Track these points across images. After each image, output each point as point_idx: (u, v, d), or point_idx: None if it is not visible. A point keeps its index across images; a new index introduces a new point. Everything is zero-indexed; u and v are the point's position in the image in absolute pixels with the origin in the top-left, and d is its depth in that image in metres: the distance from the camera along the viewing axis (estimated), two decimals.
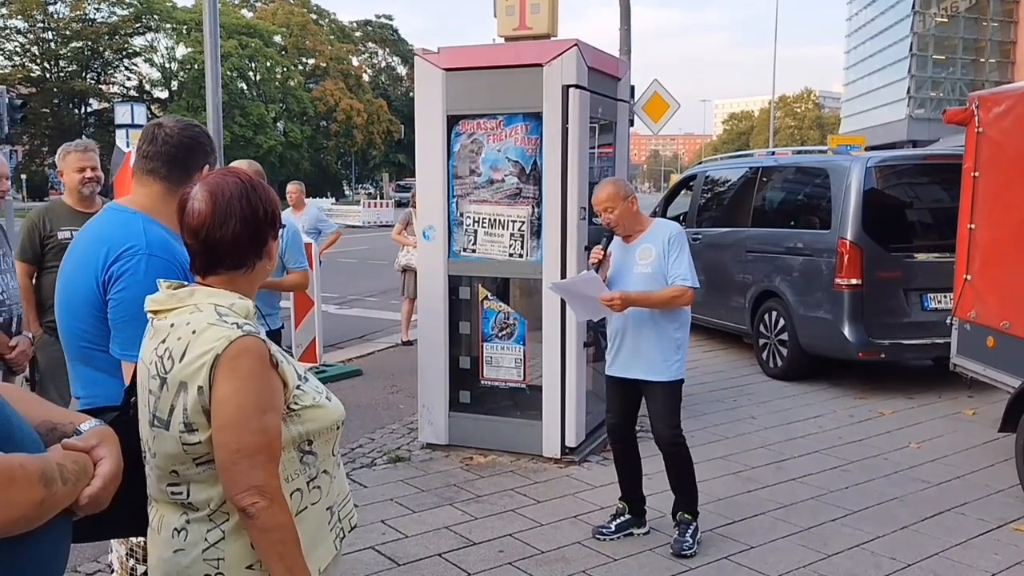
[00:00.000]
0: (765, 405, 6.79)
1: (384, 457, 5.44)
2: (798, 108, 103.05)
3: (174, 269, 2.16)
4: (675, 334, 4.07)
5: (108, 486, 1.42)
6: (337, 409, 1.83)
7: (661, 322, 4.03)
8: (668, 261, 3.99)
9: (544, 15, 5.29)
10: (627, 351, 4.13)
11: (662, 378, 4.05)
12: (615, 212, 4.04)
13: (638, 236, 4.12)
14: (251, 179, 1.81)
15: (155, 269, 2.14)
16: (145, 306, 1.81)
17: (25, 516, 1.24)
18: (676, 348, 4.07)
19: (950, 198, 6.38)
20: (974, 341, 5.53)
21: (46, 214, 4.41)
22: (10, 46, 50.30)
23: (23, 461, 1.25)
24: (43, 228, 4.33)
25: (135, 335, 2.09)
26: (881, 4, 68.98)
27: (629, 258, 4.10)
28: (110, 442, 1.48)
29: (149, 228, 2.25)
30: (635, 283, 4.03)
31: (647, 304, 4.00)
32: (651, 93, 12.34)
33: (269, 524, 1.63)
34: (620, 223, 4.07)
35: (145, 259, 2.17)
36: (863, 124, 66.67)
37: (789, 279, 7.60)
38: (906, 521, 4.45)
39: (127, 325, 2.15)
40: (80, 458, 1.40)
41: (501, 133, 5.23)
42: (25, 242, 4.32)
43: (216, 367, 1.63)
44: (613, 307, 3.98)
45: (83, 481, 1.38)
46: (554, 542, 4.19)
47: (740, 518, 4.49)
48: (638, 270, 4.05)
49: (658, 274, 4.00)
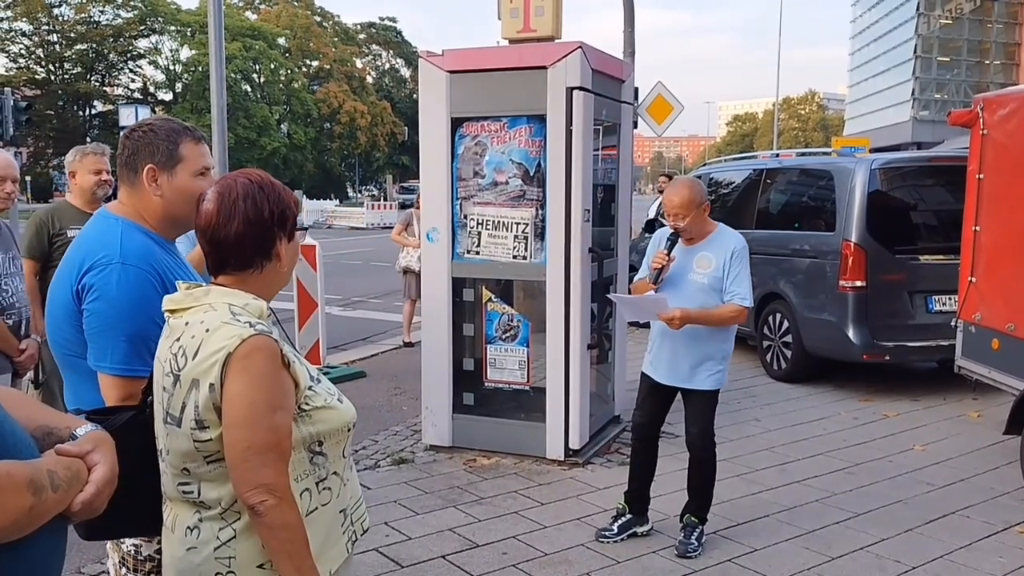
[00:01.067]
0: (769, 407, 6.78)
1: (388, 459, 5.44)
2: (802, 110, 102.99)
3: (149, 278, 2.13)
4: (721, 344, 4.03)
5: (101, 492, 1.40)
6: (348, 411, 1.84)
7: (707, 333, 3.97)
8: (727, 276, 3.91)
9: (548, 17, 5.29)
10: (669, 356, 4.07)
11: (702, 387, 4.04)
12: (687, 220, 3.91)
13: (700, 241, 4.02)
14: (262, 180, 1.81)
15: (128, 280, 2.11)
16: (162, 305, 1.83)
17: (14, 523, 1.23)
18: (721, 358, 4.04)
19: (954, 200, 6.37)
20: (979, 343, 5.52)
21: (54, 213, 4.43)
22: (15, 48, 50.46)
23: (10, 469, 1.23)
24: (52, 226, 4.36)
25: (107, 346, 2.09)
26: (885, 6, 68.94)
27: (687, 263, 4.00)
28: (105, 447, 1.46)
29: (127, 235, 2.19)
30: (688, 291, 3.95)
31: (705, 322, 3.93)
32: (655, 95, 12.35)
33: (277, 522, 1.64)
34: (690, 230, 3.97)
35: (118, 269, 2.12)
36: (867, 126, 66.60)
37: (793, 281, 7.59)
38: (910, 524, 4.44)
39: (99, 336, 2.12)
40: (73, 464, 1.38)
41: (505, 135, 5.23)
42: (33, 239, 4.33)
43: (228, 365, 1.64)
44: (671, 325, 3.89)
45: (75, 487, 1.36)
46: (558, 544, 4.18)
47: (744, 520, 4.48)
48: (693, 277, 3.97)
49: (712, 286, 3.93)
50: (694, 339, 3.97)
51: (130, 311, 2.10)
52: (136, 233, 2.21)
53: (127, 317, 2.10)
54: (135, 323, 2.10)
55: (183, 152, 2.20)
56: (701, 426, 4.09)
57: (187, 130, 2.25)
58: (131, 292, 2.10)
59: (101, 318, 2.11)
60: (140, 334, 2.10)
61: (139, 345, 2.10)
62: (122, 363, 2.10)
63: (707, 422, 4.10)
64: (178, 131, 2.23)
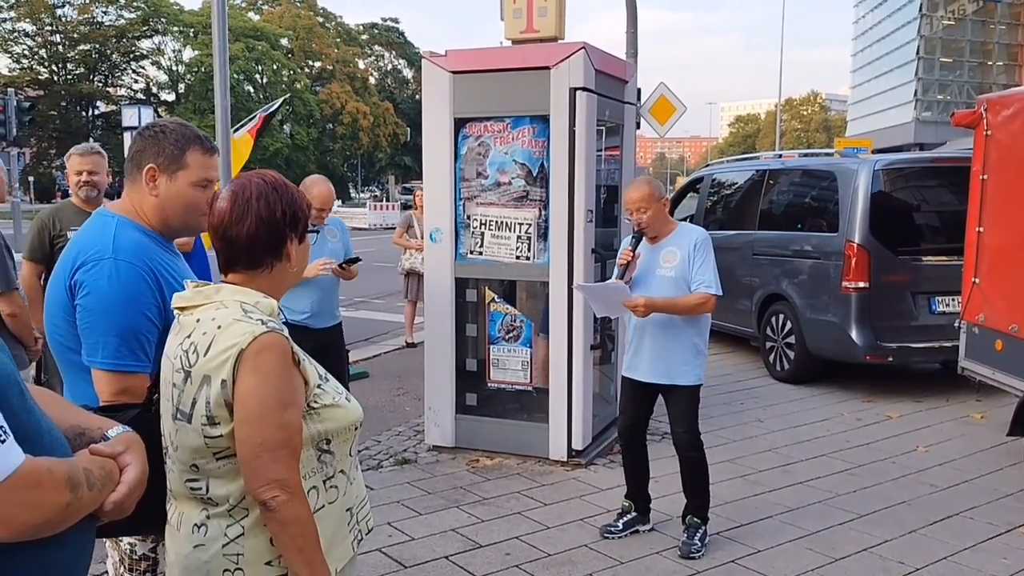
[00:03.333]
0: (772, 408, 6.78)
1: (390, 459, 5.44)
2: (804, 111, 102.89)
3: (141, 274, 2.14)
4: (695, 339, 4.05)
5: (133, 492, 1.43)
6: (356, 410, 1.86)
7: (682, 327, 4.01)
8: (693, 267, 3.96)
9: (551, 18, 5.29)
10: (647, 355, 4.10)
11: (683, 382, 4.05)
12: (648, 213, 4.01)
13: (664, 238, 4.10)
14: (276, 181, 1.83)
15: (119, 275, 2.12)
16: (172, 303, 1.84)
17: (50, 520, 1.25)
18: (696, 353, 4.06)
19: (958, 201, 6.36)
20: (983, 345, 5.51)
21: (56, 214, 4.44)
22: (18, 49, 50.54)
23: (51, 465, 1.26)
24: (52, 227, 4.36)
25: (98, 341, 2.11)
26: (888, 7, 68.87)
27: (653, 260, 4.08)
28: (136, 449, 1.50)
29: (121, 232, 2.20)
30: (657, 286, 4.01)
31: (671, 311, 3.97)
32: (657, 96, 12.33)
33: (289, 517, 1.65)
34: (651, 224, 4.05)
35: (109, 265, 2.13)
36: (870, 127, 66.53)
37: (796, 282, 7.59)
38: (914, 525, 4.44)
39: (90, 331, 2.14)
40: (107, 464, 1.41)
41: (508, 136, 5.23)
42: (35, 241, 4.35)
43: (240, 362, 1.65)
44: (636, 312, 3.96)
45: (108, 487, 1.39)
46: (561, 545, 4.18)
47: (747, 521, 4.48)
48: (661, 273, 4.03)
49: (681, 279, 3.98)
50: (669, 334, 4.02)
51: (120, 306, 2.11)
52: (131, 230, 2.21)
53: (117, 312, 2.11)
54: (125, 318, 2.11)
55: (188, 159, 2.21)
56: (686, 425, 4.11)
57: (199, 139, 2.25)
58: (122, 288, 2.11)
59: (92, 313, 2.12)
60: (131, 329, 2.12)
61: (130, 340, 2.11)
62: (112, 358, 2.12)
63: (691, 420, 4.12)
64: (190, 138, 2.23)
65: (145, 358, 2.13)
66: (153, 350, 2.11)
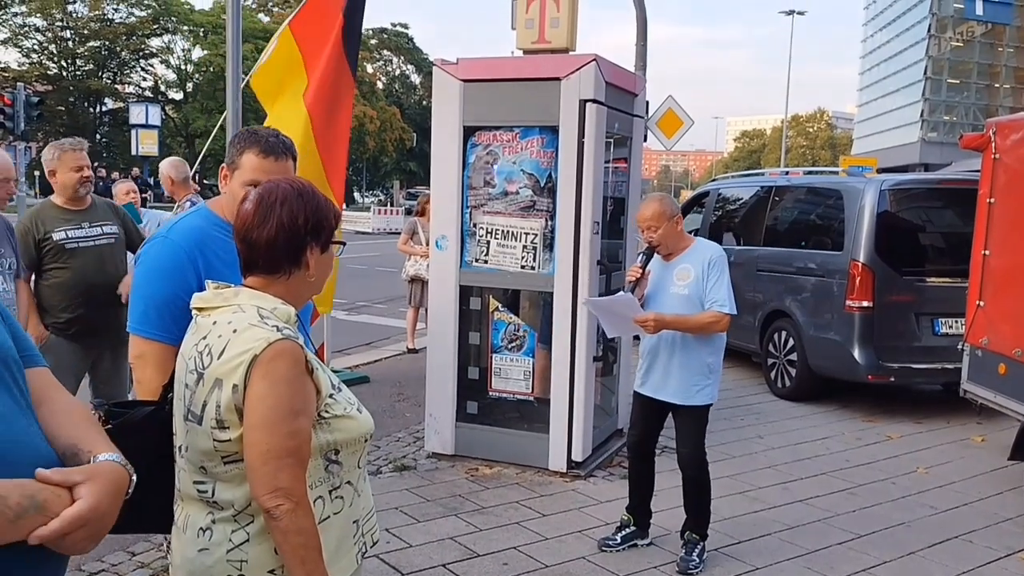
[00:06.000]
0: (773, 425, 6.77)
1: (389, 465, 5.43)
2: (810, 128, 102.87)
3: (183, 252, 2.29)
4: (708, 359, 4.02)
5: (68, 529, 1.25)
6: (367, 422, 1.86)
7: (695, 346, 3.98)
8: (707, 285, 3.92)
9: (563, 29, 5.30)
10: (659, 372, 4.08)
11: (692, 402, 4.03)
12: (659, 232, 3.97)
13: (678, 255, 4.05)
14: (303, 188, 1.83)
15: (163, 251, 2.32)
16: (191, 303, 1.86)
17: None
18: (708, 372, 4.02)
19: (963, 223, 6.37)
20: (985, 368, 5.51)
21: (37, 217, 4.28)
22: (28, 43, 50.64)
23: None
24: (36, 231, 4.23)
25: (134, 306, 2.33)
26: (897, 27, 68.98)
27: (667, 277, 4.04)
28: (100, 483, 1.32)
29: (188, 218, 2.41)
30: (670, 303, 3.97)
31: (681, 328, 3.94)
32: (665, 109, 12.35)
33: (292, 527, 1.64)
34: (663, 242, 4.01)
35: (159, 242, 2.35)
36: (875, 146, 66.58)
37: (800, 299, 7.59)
38: (913, 547, 4.42)
39: (131, 297, 2.37)
40: (40, 492, 1.24)
41: (517, 145, 5.24)
42: (21, 248, 4.15)
43: (253, 367, 1.65)
44: (646, 328, 3.93)
45: (31, 518, 1.22)
46: (558, 556, 4.17)
47: (746, 538, 4.47)
48: (674, 290, 3.99)
49: (694, 296, 3.94)
50: (681, 353, 3.99)
51: (153, 276, 2.30)
52: (198, 218, 2.41)
53: (147, 282, 2.32)
54: (152, 287, 2.29)
55: (243, 160, 2.33)
56: (692, 446, 4.09)
57: (259, 142, 2.32)
58: (160, 260, 2.31)
59: (136, 280, 2.37)
60: (155, 298, 2.27)
61: (156, 308, 2.27)
62: (137, 321, 2.30)
63: (698, 440, 4.09)
64: (249, 140, 2.35)
65: (168, 331, 2.21)
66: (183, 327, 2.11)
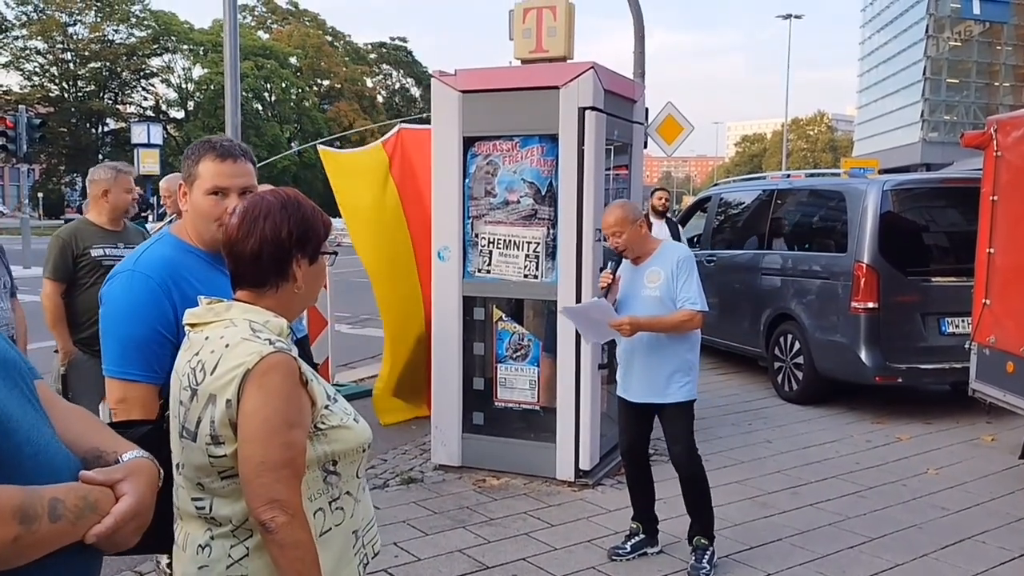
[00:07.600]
0: (780, 429, 6.73)
1: (396, 478, 5.41)
2: (811, 131, 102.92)
3: (155, 286, 2.16)
4: (686, 355, 4.06)
5: (121, 526, 1.30)
6: (364, 432, 1.84)
7: (670, 344, 4.02)
8: (677, 284, 3.98)
9: (560, 38, 5.30)
10: (638, 374, 4.11)
11: (674, 400, 4.04)
12: (623, 236, 4.05)
13: (647, 258, 4.12)
14: (287, 199, 1.81)
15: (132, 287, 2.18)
16: (183, 319, 1.84)
17: None
18: (688, 369, 4.06)
19: (967, 222, 6.34)
20: (993, 366, 5.48)
21: (76, 233, 4.46)
22: (30, 66, 50.98)
23: None
24: (75, 246, 4.40)
25: (105, 348, 2.19)
26: (894, 28, 69.03)
27: (637, 281, 4.10)
28: (139, 478, 1.37)
29: (154, 248, 2.26)
30: (643, 306, 4.02)
31: (656, 329, 3.99)
32: (665, 115, 12.35)
33: (288, 540, 1.62)
34: (628, 246, 4.08)
35: (126, 277, 2.20)
36: (876, 147, 66.53)
37: (805, 302, 7.56)
38: (926, 549, 4.38)
39: (103, 338, 2.21)
40: (91, 493, 1.29)
41: (517, 155, 5.23)
42: (58, 260, 4.38)
43: (246, 381, 1.64)
44: (622, 332, 3.98)
45: (88, 518, 1.26)
46: (568, 567, 4.14)
47: (757, 544, 4.44)
48: (646, 293, 4.05)
49: (666, 297, 3.99)
50: (658, 353, 4.02)
51: (125, 315, 2.16)
52: (165, 246, 2.26)
53: (121, 321, 2.16)
54: (128, 327, 2.15)
55: (200, 169, 2.23)
56: (683, 443, 4.09)
57: (213, 147, 2.23)
58: (130, 298, 2.16)
59: (104, 321, 2.21)
60: (133, 338, 2.14)
61: (134, 349, 2.14)
62: (113, 364, 2.17)
63: (688, 437, 4.10)
64: (203, 148, 2.24)
65: (150, 370, 2.13)
66: (165, 364, 2.09)
